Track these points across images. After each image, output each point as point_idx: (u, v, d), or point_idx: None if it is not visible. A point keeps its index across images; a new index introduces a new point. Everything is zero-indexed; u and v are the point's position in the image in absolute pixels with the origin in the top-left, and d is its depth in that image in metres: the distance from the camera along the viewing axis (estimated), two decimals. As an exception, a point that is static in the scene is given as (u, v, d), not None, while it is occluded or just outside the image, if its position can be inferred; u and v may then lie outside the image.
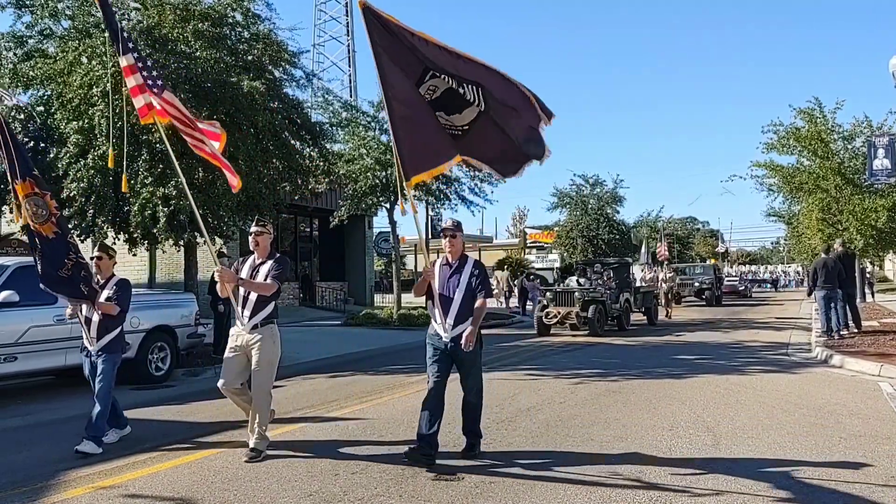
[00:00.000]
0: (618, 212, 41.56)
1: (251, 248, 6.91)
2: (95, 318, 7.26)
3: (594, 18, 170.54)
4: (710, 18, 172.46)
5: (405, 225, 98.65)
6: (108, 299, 7.24)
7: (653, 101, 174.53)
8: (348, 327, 23.14)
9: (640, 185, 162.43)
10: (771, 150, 26.38)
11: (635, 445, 6.90)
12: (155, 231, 12.92)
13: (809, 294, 16.82)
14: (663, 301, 26.69)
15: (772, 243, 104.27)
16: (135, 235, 13.72)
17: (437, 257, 6.54)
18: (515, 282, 32.79)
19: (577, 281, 21.17)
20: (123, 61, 7.00)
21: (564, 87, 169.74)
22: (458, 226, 6.54)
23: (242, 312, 6.71)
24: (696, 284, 36.83)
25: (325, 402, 9.53)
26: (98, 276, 7.40)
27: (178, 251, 15.97)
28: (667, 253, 39.12)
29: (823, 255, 16.67)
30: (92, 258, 7.54)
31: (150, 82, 7.06)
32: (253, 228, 6.87)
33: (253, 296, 6.67)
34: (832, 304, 15.66)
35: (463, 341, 6.15)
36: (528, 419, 8.18)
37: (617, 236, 39.73)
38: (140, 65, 7.03)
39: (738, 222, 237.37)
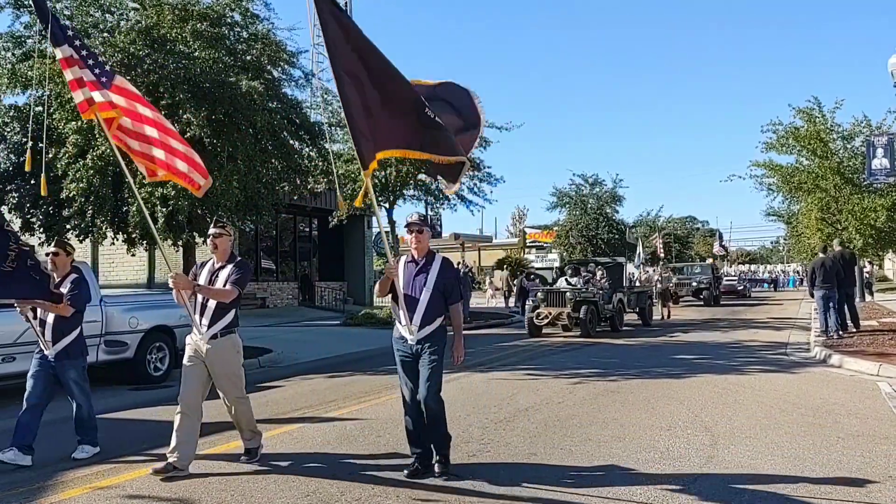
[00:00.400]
0: (617, 211, 41.68)
1: (210, 252, 6.41)
2: (50, 319, 6.70)
3: (594, 18, 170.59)
4: (710, 18, 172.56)
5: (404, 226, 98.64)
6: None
7: (653, 101, 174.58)
8: (347, 327, 23.14)
9: (639, 185, 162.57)
10: (770, 149, 26.45)
11: (633, 445, 6.90)
12: (153, 231, 12.91)
13: (812, 295, 16.81)
14: (660, 301, 26.33)
15: (771, 243, 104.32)
16: (133, 235, 13.73)
17: (403, 255, 6.17)
18: (515, 281, 32.78)
19: (569, 281, 20.77)
20: (59, 53, 6.22)
21: (564, 86, 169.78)
22: (424, 220, 6.17)
23: (200, 321, 6.17)
24: (694, 284, 36.45)
25: (323, 403, 9.53)
26: (54, 275, 6.79)
27: (177, 251, 15.97)
28: (662, 251, 38.79)
29: (821, 255, 16.67)
30: (47, 255, 7.04)
31: (95, 72, 6.33)
32: (211, 230, 6.37)
33: (212, 303, 6.16)
34: (831, 304, 15.67)
35: (455, 360, 6.03)
36: (526, 419, 8.18)
37: (616, 236, 39.80)
38: (79, 56, 6.29)
39: (738, 222, 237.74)
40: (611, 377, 11.33)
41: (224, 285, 6.17)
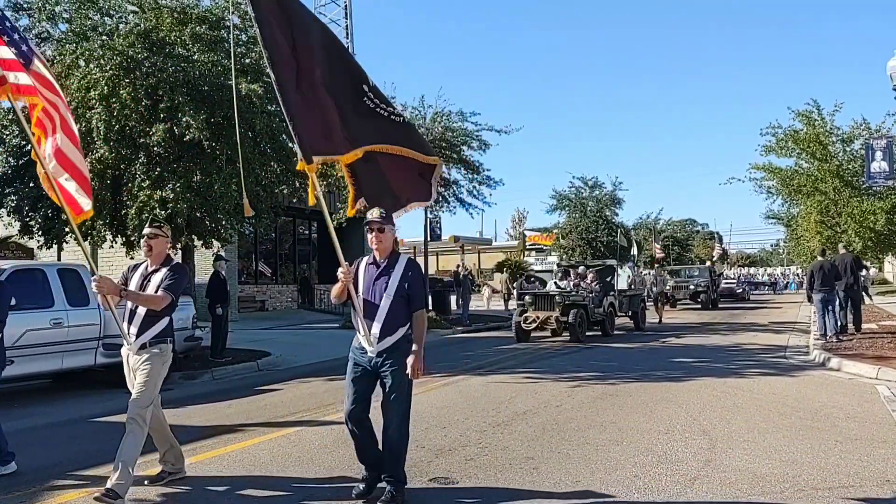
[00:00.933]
0: (616, 214, 41.64)
1: (144, 254, 5.87)
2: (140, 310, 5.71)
3: (594, 19, 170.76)
4: (711, 18, 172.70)
5: (404, 227, 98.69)
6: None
7: (652, 102, 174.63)
8: (347, 330, 23.04)
9: (639, 188, 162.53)
10: (769, 152, 26.50)
11: (631, 449, 6.89)
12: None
13: (809, 300, 16.83)
14: (654, 304, 26.11)
15: (771, 245, 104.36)
16: (132, 239, 13.70)
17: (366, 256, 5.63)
18: (515, 284, 32.75)
19: (557, 284, 20.58)
20: None
21: (564, 87, 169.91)
22: (386, 217, 5.46)
23: (129, 329, 5.65)
24: (692, 287, 36.12)
25: (321, 406, 9.51)
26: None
27: (176, 254, 15.94)
28: (661, 253, 38.60)
29: (820, 259, 16.72)
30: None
31: (12, 51, 5.70)
32: (145, 230, 5.78)
33: (141, 310, 5.60)
34: (829, 308, 15.70)
35: (409, 371, 5.12)
36: (524, 423, 8.17)
37: (615, 238, 39.72)
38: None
39: (738, 224, 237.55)
40: (610, 380, 11.32)
41: (156, 291, 5.60)
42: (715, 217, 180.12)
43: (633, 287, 23.96)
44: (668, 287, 32.83)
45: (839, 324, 16.09)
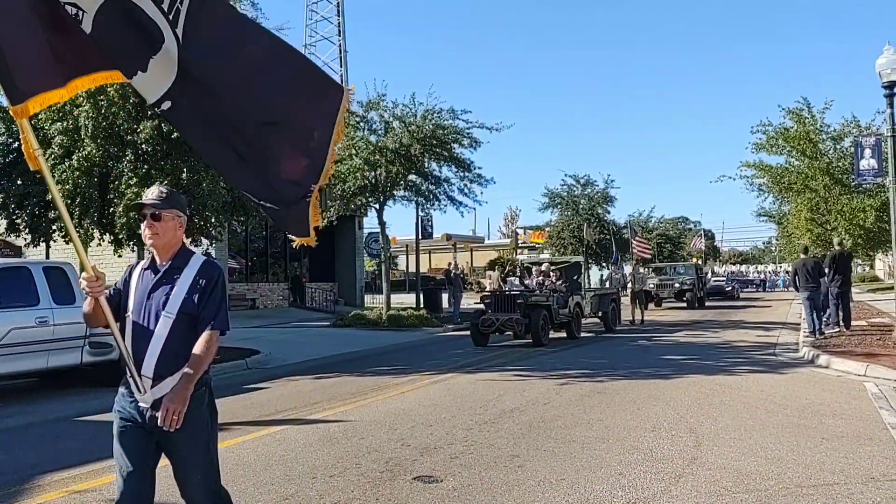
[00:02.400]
0: (608, 212, 41.68)
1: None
2: None
3: (586, 8, 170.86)
4: (704, 13, 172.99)
5: (395, 225, 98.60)
6: None
7: (645, 104, 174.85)
8: (337, 328, 23.07)
9: (631, 186, 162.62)
10: (760, 150, 26.51)
11: (617, 446, 6.87)
12: (140, 232, 12.86)
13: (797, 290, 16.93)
14: (633, 303, 24.62)
15: (763, 243, 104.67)
16: (120, 237, 13.64)
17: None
18: (508, 280, 32.73)
19: (520, 283, 19.36)
20: None
21: (554, 86, 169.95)
22: (167, 196, 3.62)
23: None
24: (677, 285, 34.88)
25: (307, 404, 9.46)
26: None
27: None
28: (643, 249, 36.93)
29: (802, 256, 16.80)
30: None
31: None
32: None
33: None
34: (815, 304, 15.80)
35: (161, 416, 3.29)
36: (511, 420, 8.14)
37: (607, 236, 39.76)
38: None
39: (730, 222, 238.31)
40: (598, 378, 11.31)
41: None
42: (702, 214, 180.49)
43: (605, 285, 23.11)
44: (650, 285, 31.91)
45: (832, 320, 16.23)
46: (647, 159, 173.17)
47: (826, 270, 16.56)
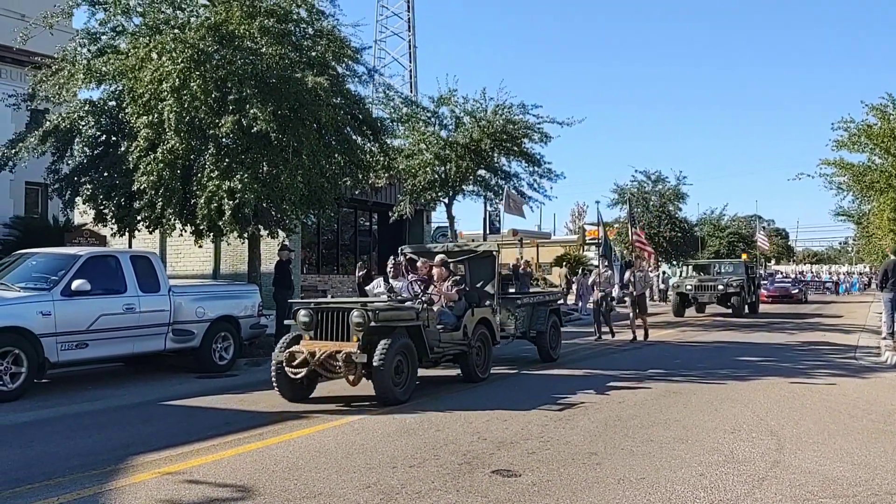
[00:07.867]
0: (680, 209, 40.89)
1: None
2: None
3: (656, 9, 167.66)
4: (782, 18, 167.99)
5: (464, 220, 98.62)
6: None
7: (718, 96, 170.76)
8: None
9: (703, 183, 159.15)
10: (841, 147, 25.59)
11: (696, 447, 6.79)
12: (220, 223, 13.20)
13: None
14: (633, 313, 18.50)
15: (840, 243, 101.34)
16: (201, 227, 14.02)
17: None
18: (574, 278, 32.52)
19: (387, 285, 11.57)
20: None
21: (629, 82, 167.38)
22: None
23: None
24: (720, 287, 27.73)
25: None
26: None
27: (243, 243, 16.25)
28: (642, 245, 31.19)
29: (893, 256, 16.28)
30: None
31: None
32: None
33: None
34: None
35: None
36: (586, 417, 8.12)
37: (679, 234, 39.04)
38: None
39: (806, 221, 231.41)
40: (673, 378, 11.17)
41: None
42: (777, 212, 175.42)
43: (627, 290, 18.27)
44: (688, 286, 28.05)
45: None
46: (721, 156, 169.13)
47: None
